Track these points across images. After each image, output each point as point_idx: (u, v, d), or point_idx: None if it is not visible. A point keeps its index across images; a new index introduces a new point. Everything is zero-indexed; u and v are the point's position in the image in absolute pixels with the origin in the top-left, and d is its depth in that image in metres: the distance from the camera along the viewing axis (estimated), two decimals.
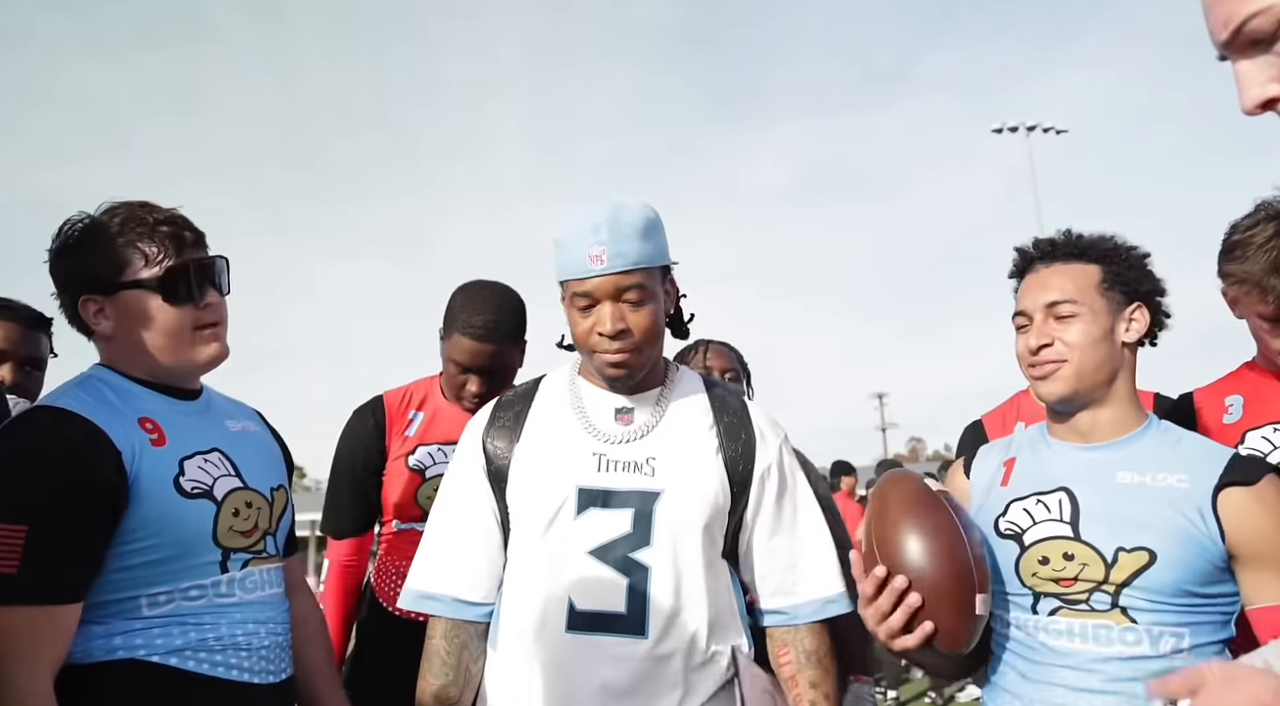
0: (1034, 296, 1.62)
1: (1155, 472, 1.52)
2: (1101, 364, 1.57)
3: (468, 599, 1.73)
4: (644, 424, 1.73)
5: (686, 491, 1.67)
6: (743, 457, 1.74)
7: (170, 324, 1.54)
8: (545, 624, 1.63)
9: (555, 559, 1.65)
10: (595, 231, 1.63)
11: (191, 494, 1.49)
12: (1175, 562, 1.44)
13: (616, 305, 1.65)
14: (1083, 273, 1.60)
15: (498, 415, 1.82)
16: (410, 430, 2.39)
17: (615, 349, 1.65)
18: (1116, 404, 1.60)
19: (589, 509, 1.65)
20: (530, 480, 1.71)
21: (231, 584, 1.53)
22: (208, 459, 1.54)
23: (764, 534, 1.74)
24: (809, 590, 1.74)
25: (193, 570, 1.48)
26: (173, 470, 1.48)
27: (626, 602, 1.61)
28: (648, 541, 1.63)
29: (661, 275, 1.72)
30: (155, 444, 1.47)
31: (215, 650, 1.49)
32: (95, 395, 1.48)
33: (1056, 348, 1.58)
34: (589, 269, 1.63)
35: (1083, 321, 1.57)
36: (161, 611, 1.45)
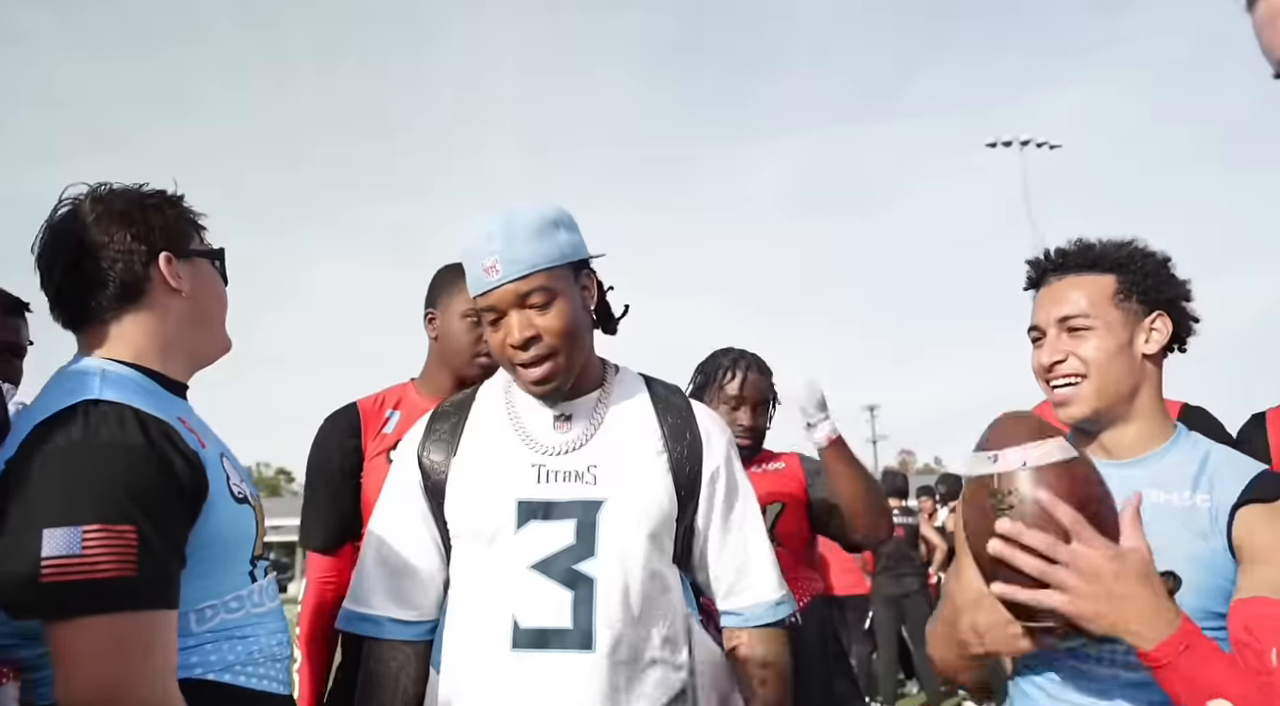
0: (1047, 310, 1.58)
1: (1181, 490, 1.48)
2: (1121, 378, 1.52)
3: (404, 618, 1.69)
4: (583, 431, 1.68)
5: (630, 499, 1.63)
6: (689, 460, 1.69)
7: (223, 300, 1.57)
8: (489, 642, 1.58)
9: (497, 575, 1.60)
10: (489, 241, 1.60)
11: (239, 498, 1.43)
12: (1198, 588, 1.40)
13: (522, 313, 1.60)
14: (1096, 284, 1.55)
15: (433, 427, 1.77)
16: (388, 427, 2.33)
17: (530, 359, 1.61)
18: (1141, 418, 1.54)
19: (529, 521, 1.61)
20: (468, 495, 1.66)
21: (261, 593, 1.47)
22: (229, 462, 1.47)
23: (716, 537, 1.72)
24: (761, 592, 1.74)
25: (232, 581, 1.42)
26: (223, 473, 1.41)
27: (572, 616, 1.56)
28: (591, 552, 1.59)
29: (574, 272, 1.66)
30: (200, 444, 1.39)
31: (260, 662, 1.43)
32: (135, 392, 1.36)
33: (1071, 362, 1.53)
34: (486, 281, 1.60)
35: (1098, 335, 1.52)
36: (209, 626, 1.37)
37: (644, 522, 1.62)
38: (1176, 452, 1.53)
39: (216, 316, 1.55)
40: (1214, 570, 1.41)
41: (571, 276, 1.65)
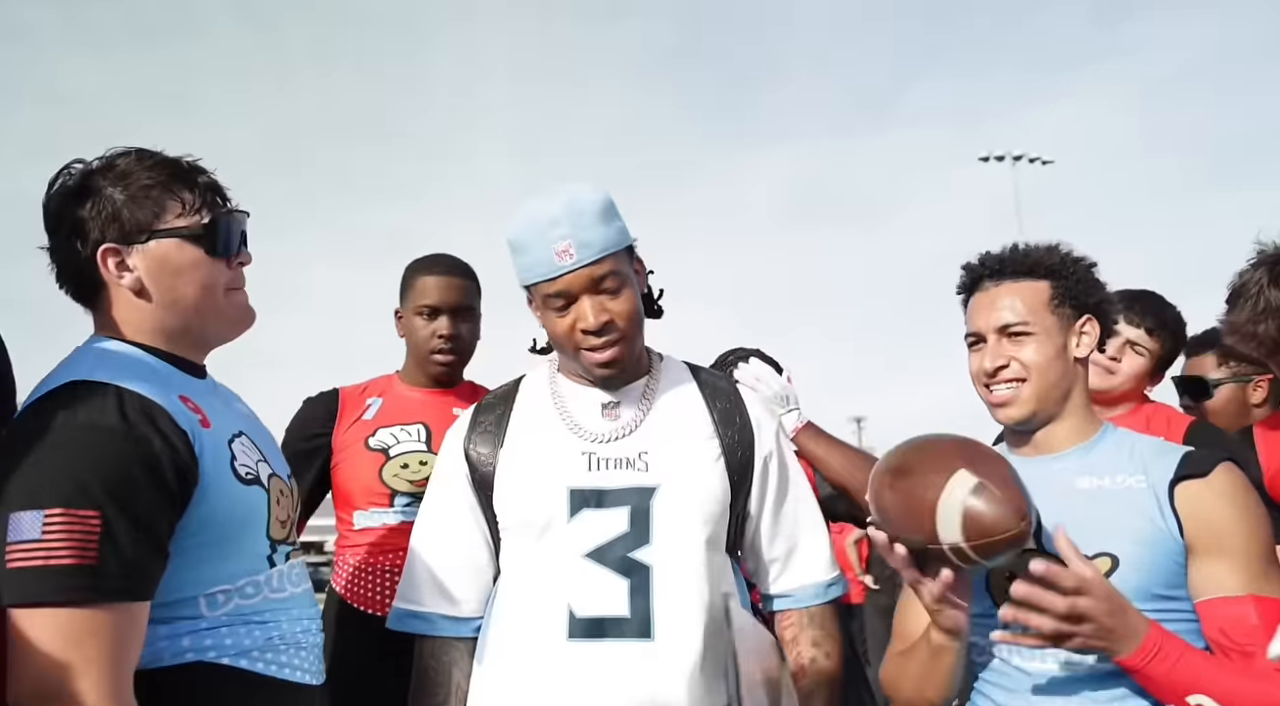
0: (985, 316, 1.61)
1: (1114, 475, 1.52)
2: (1058, 381, 1.57)
3: (456, 615, 1.68)
4: (632, 418, 1.67)
5: (684, 484, 1.61)
6: (740, 445, 1.68)
7: (209, 279, 1.41)
8: (545, 633, 1.56)
9: (551, 565, 1.59)
10: (555, 225, 1.55)
11: (246, 479, 1.36)
12: (1138, 566, 1.43)
13: (595, 298, 1.58)
14: (1033, 290, 1.60)
15: (479, 420, 1.75)
16: (368, 414, 2.37)
17: (603, 343, 1.59)
18: (1072, 416, 1.60)
19: (582, 510, 1.59)
20: (518, 486, 1.65)
21: (281, 578, 1.41)
22: (242, 442, 1.40)
23: (768, 521, 1.71)
24: (811, 573, 1.72)
25: (246, 565, 1.36)
26: (226, 453, 1.34)
27: (629, 605, 1.54)
28: (647, 539, 1.57)
29: (629, 256, 1.65)
30: (203, 424, 1.32)
31: (281, 649, 1.37)
32: (127, 370, 1.30)
33: (1013, 367, 1.58)
34: (557, 266, 1.56)
35: (1036, 340, 1.57)
36: (222, 611, 1.32)
37: (699, 508, 1.60)
38: (1105, 444, 1.58)
39: (193, 297, 1.40)
40: (1156, 548, 1.44)
41: (629, 260, 1.64)
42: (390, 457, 2.31)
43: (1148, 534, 1.45)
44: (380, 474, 2.30)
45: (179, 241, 1.38)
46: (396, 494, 2.28)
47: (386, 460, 2.31)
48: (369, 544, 2.29)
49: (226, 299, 1.45)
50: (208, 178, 1.44)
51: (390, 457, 2.31)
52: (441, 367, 2.38)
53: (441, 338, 2.35)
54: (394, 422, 2.35)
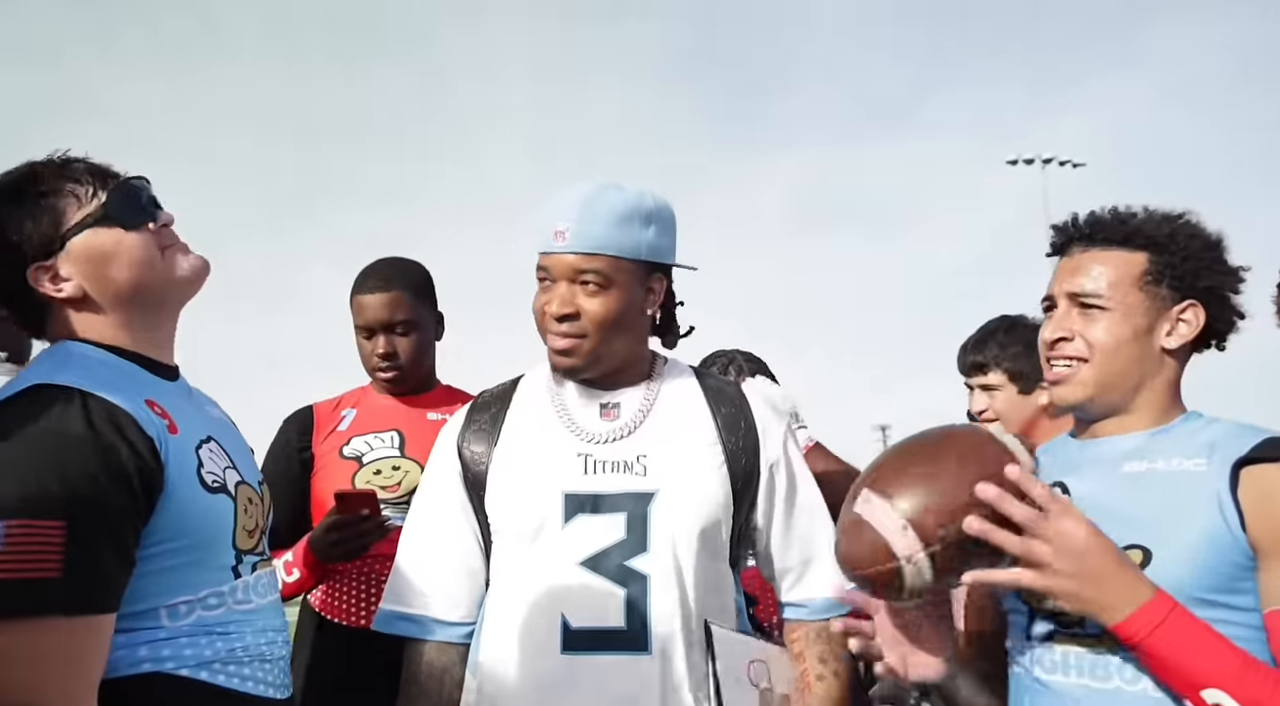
0: (1063, 281, 1.42)
1: (1169, 458, 1.31)
2: (1127, 370, 1.36)
3: (446, 619, 1.62)
4: (631, 419, 1.62)
5: (684, 490, 1.56)
6: (744, 450, 1.62)
7: (137, 250, 1.36)
8: (538, 645, 1.50)
9: (544, 572, 1.53)
10: (566, 207, 1.56)
11: (212, 487, 1.32)
12: (1179, 561, 1.22)
13: (571, 286, 1.56)
14: (1123, 262, 1.37)
15: (473, 417, 1.71)
16: (342, 425, 2.34)
17: (560, 332, 1.56)
18: (1144, 411, 1.38)
19: (577, 515, 1.54)
20: (511, 487, 1.60)
21: (247, 589, 1.37)
22: (210, 448, 1.36)
23: (780, 530, 1.66)
24: (824, 586, 1.64)
25: (209, 576, 1.32)
26: (193, 460, 1.31)
27: (626, 616, 1.49)
28: (644, 547, 1.52)
29: (645, 272, 1.61)
30: (170, 430, 1.29)
31: (244, 662, 1.33)
32: (91, 373, 1.26)
33: (1076, 344, 1.37)
34: (551, 245, 1.56)
35: (1111, 319, 1.36)
36: (184, 622, 1.28)
37: (699, 516, 1.55)
38: (1176, 430, 1.37)
39: (138, 277, 1.36)
40: (1203, 543, 1.23)
41: (639, 274, 1.60)
42: (363, 465, 2.27)
43: (1194, 525, 1.23)
44: (353, 481, 2.25)
45: (90, 231, 1.34)
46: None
47: (360, 467, 2.27)
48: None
49: (165, 260, 1.39)
50: (84, 164, 1.39)
51: (363, 465, 2.27)
52: (389, 385, 2.34)
53: (379, 356, 2.29)
54: (368, 431, 2.31)
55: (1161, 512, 1.26)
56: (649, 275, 1.62)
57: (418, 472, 2.07)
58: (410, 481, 2.17)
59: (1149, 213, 1.42)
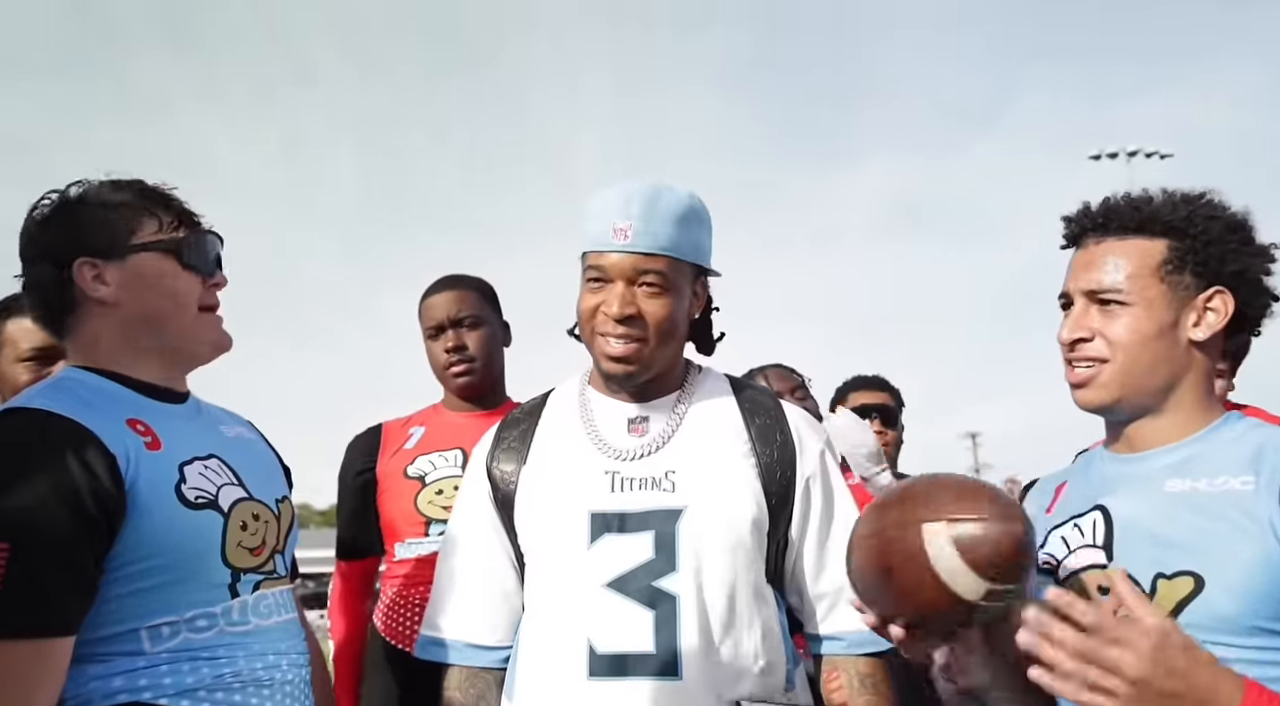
0: (1078, 277, 1.32)
1: (1214, 476, 1.21)
2: (1154, 367, 1.26)
3: (480, 643, 1.57)
4: (660, 433, 1.54)
5: (713, 506, 1.48)
6: (780, 464, 1.53)
7: (185, 291, 1.40)
8: (564, 670, 1.43)
9: (570, 595, 1.47)
10: (627, 204, 1.48)
11: (196, 504, 1.30)
12: (1233, 589, 1.13)
13: (630, 288, 1.48)
14: (1141, 251, 1.28)
15: (502, 435, 1.65)
16: (409, 444, 2.31)
17: (619, 335, 1.48)
18: (1177, 411, 1.28)
19: (604, 535, 1.47)
20: (538, 507, 1.54)
21: (244, 609, 1.33)
22: (207, 465, 1.35)
23: (813, 550, 1.54)
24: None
25: (198, 595, 1.29)
26: (173, 476, 1.29)
27: (654, 640, 1.41)
28: (673, 567, 1.44)
29: (693, 274, 1.56)
30: (150, 447, 1.28)
31: (234, 688, 1.28)
32: (71, 395, 1.28)
33: (1096, 344, 1.28)
34: (610, 242, 1.48)
35: (1132, 314, 1.26)
36: (166, 646, 1.25)
37: (729, 532, 1.47)
38: (1216, 438, 1.26)
39: (168, 312, 1.39)
40: (1258, 567, 1.12)
41: (690, 277, 1.55)
42: (426, 484, 2.25)
43: (1247, 550, 1.13)
44: (416, 502, 2.23)
45: (154, 254, 1.38)
46: (432, 521, 2.20)
47: (422, 487, 2.24)
48: (405, 576, 2.22)
49: (200, 317, 1.43)
50: (181, 204, 1.45)
51: (426, 484, 2.25)
52: (461, 385, 2.28)
53: (448, 352, 2.26)
54: (433, 449, 2.27)
55: (1210, 537, 1.17)
56: (695, 279, 1.57)
57: None
58: None
59: (1166, 196, 1.32)
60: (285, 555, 1.48)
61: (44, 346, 1.80)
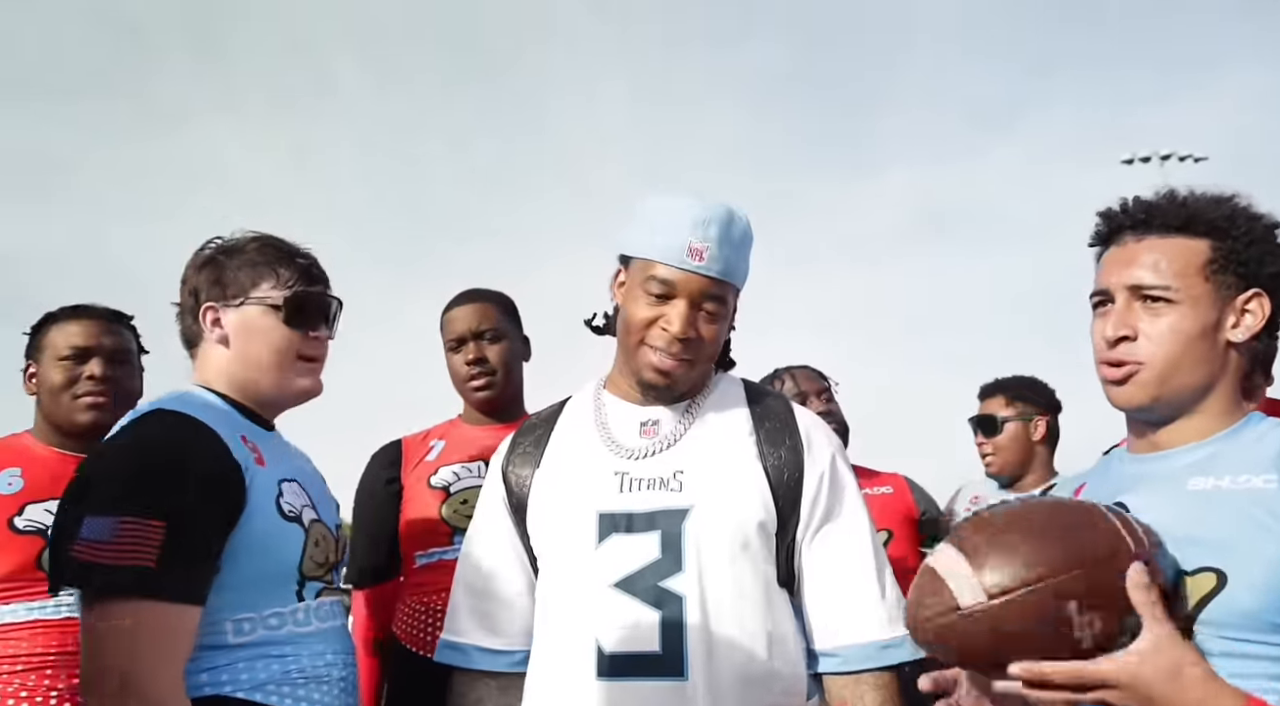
0: (1119, 273, 1.29)
1: (1236, 474, 1.20)
2: (1195, 367, 1.24)
3: (493, 647, 1.59)
4: (669, 434, 1.56)
5: (720, 506, 1.47)
6: (788, 466, 1.52)
7: (281, 344, 1.59)
8: (572, 671, 1.44)
9: (578, 595, 1.48)
10: (705, 226, 1.49)
11: (289, 516, 1.48)
12: (1256, 586, 1.11)
13: (694, 310, 1.49)
14: (1185, 249, 1.26)
15: (518, 441, 1.68)
16: (430, 456, 2.34)
17: (675, 353, 1.50)
18: (1209, 412, 1.27)
19: (611, 535, 1.47)
20: (549, 509, 1.56)
21: (308, 612, 1.49)
22: (293, 486, 1.53)
23: (815, 559, 1.51)
24: (864, 629, 1.48)
25: (275, 597, 1.45)
26: (274, 490, 1.47)
27: (661, 640, 1.41)
28: (679, 567, 1.44)
29: (736, 295, 1.59)
30: (258, 462, 1.47)
31: (299, 683, 1.43)
32: (201, 406, 1.49)
33: (1140, 344, 1.26)
34: (685, 261, 1.48)
35: (1178, 313, 1.24)
36: (246, 639, 1.41)
37: (736, 533, 1.46)
38: (1239, 437, 1.25)
39: (267, 360, 1.59)
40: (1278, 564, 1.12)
41: (735, 300, 1.58)
42: (450, 494, 2.26)
43: (1271, 545, 1.13)
44: (440, 511, 2.24)
45: (263, 308, 1.59)
46: (456, 531, 2.21)
47: (447, 497, 2.25)
48: (426, 584, 2.22)
49: (296, 365, 1.61)
50: (307, 260, 1.64)
51: (450, 494, 2.26)
52: (481, 398, 2.32)
53: (469, 364, 2.30)
54: (456, 460, 2.30)
55: (1234, 534, 1.15)
56: (735, 299, 1.59)
57: None
58: None
59: (1199, 196, 1.30)
60: (339, 571, 1.64)
61: (81, 346, 2.10)
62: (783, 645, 1.46)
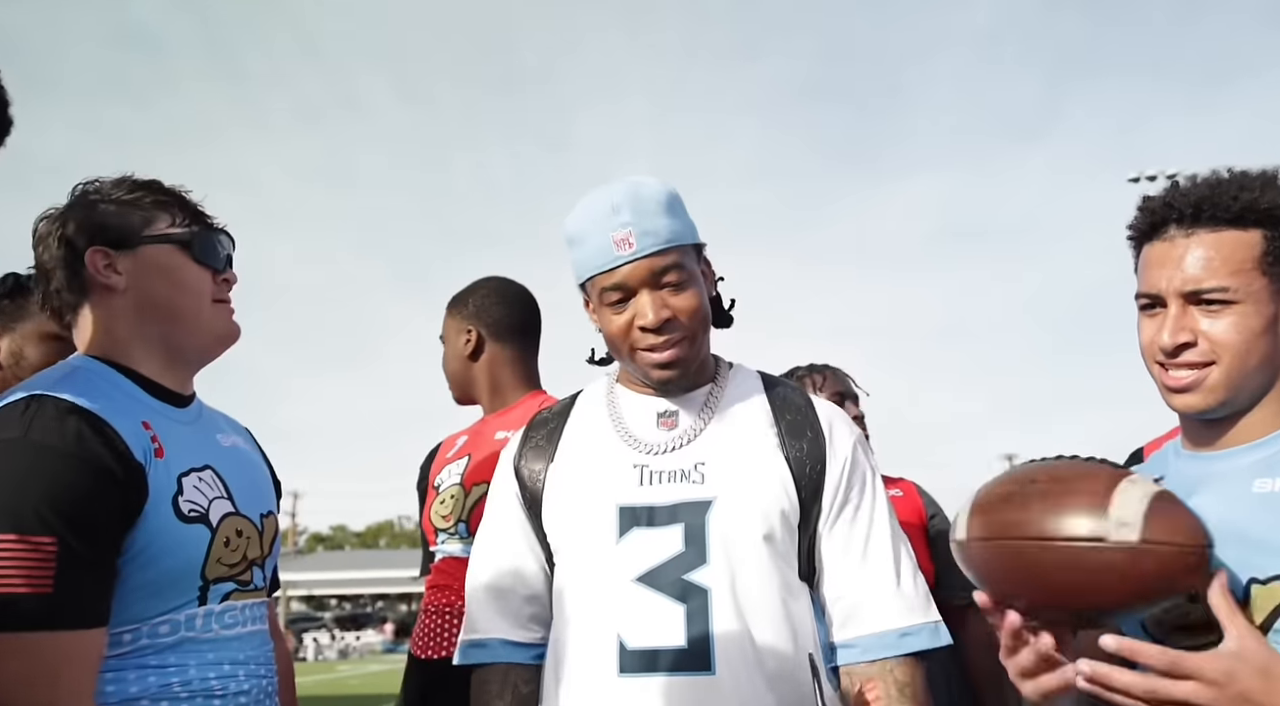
0: (1169, 275, 1.22)
1: None
2: (1262, 365, 1.19)
3: (515, 640, 1.55)
4: (690, 427, 1.52)
5: (743, 497, 1.44)
6: (810, 457, 1.49)
7: (195, 284, 1.42)
8: (593, 667, 1.40)
9: (598, 590, 1.44)
10: (615, 213, 1.44)
11: (189, 517, 1.29)
12: None
13: (656, 293, 1.45)
14: (1238, 244, 1.19)
15: (530, 435, 1.64)
16: (450, 451, 2.33)
17: (663, 343, 1.46)
18: (1266, 406, 1.21)
19: (632, 529, 1.44)
20: (565, 502, 1.52)
21: (209, 618, 1.32)
22: (202, 477, 1.35)
23: (835, 550, 1.48)
24: (885, 617, 1.45)
25: (168, 605, 1.27)
26: (172, 488, 1.28)
27: (686, 634, 1.37)
28: (704, 559, 1.40)
29: (696, 254, 1.53)
30: (157, 454, 1.28)
31: (181, 698, 1.26)
32: (94, 388, 1.27)
33: (1202, 348, 1.20)
34: (616, 256, 1.44)
35: (1239, 312, 1.18)
36: (123, 650, 1.23)
37: (761, 524, 1.43)
38: None
39: (182, 303, 1.41)
40: None
41: (695, 258, 1.53)
42: (439, 494, 2.23)
43: None
44: (430, 514, 2.24)
45: (168, 247, 1.41)
46: (439, 532, 2.21)
47: (436, 497, 2.23)
48: (434, 580, 2.21)
49: (213, 309, 1.45)
50: (195, 204, 1.48)
51: (439, 494, 2.23)
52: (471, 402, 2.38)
53: None
54: (456, 457, 2.27)
55: None
56: (699, 258, 1.54)
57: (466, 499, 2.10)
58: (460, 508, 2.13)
59: (1249, 181, 1.22)
60: (265, 568, 1.48)
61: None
62: (805, 637, 1.44)
